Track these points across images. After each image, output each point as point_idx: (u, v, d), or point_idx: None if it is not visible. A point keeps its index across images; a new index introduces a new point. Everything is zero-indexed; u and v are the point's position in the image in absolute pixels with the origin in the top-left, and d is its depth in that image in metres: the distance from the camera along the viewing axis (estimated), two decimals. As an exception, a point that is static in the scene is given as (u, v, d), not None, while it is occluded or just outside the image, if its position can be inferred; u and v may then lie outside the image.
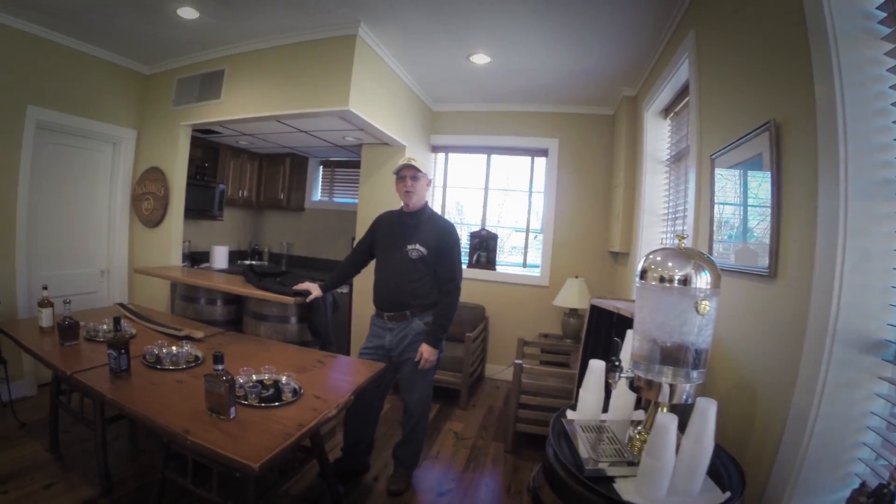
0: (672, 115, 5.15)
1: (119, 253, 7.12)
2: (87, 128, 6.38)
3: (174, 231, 6.73)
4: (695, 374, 2.20)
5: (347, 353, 7.23)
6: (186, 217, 6.94)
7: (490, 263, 7.99)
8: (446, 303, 4.04)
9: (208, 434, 2.62)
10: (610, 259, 7.27)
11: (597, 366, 2.70)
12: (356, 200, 8.75)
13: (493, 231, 8.07)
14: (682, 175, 4.77)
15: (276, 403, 3.05)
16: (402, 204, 4.24)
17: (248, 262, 9.17)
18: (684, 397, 2.21)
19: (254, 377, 3.30)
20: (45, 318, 4.45)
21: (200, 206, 7.78)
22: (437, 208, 8.02)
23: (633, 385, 2.37)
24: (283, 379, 3.28)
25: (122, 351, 3.39)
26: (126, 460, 4.58)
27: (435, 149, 8.21)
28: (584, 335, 4.25)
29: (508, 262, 8.32)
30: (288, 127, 6.73)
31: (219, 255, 6.80)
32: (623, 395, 2.69)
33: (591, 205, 7.44)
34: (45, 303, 4.45)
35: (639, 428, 2.42)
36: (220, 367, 2.78)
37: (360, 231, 7.02)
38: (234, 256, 9.39)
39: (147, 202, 6.84)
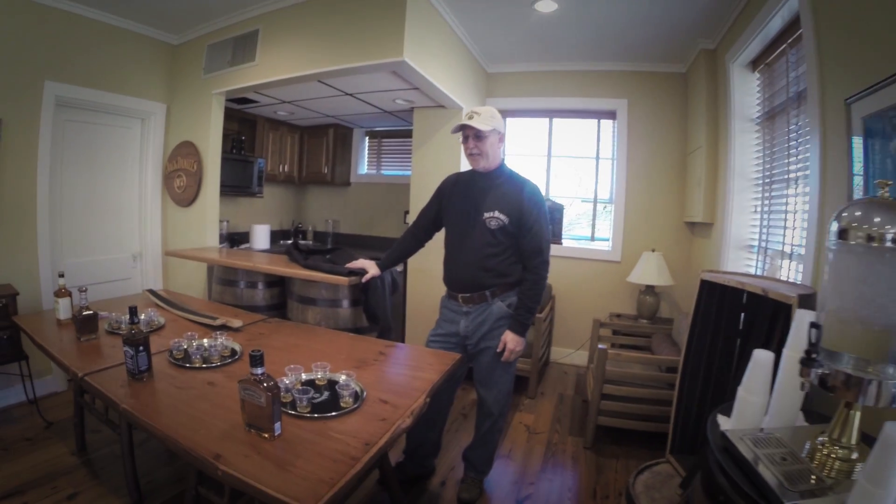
0: (762, 66, 4.70)
1: (152, 236, 6.75)
2: (112, 102, 5.98)
3: (209, 209, 6.29)
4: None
5: (402, 340, 6.80)
6: (223, 195, 6.56)
7: (555, 237, 7.32)
8: (533, 281, 3.44)
9: (246, 461, 2.05)
10: (686, 231, 6.63)
11: (764, 359, 2.11)
12: (406, 173, 8.38)
13: (558, 202, 7.40)
14: (777, 133, 4.31)
15: (334, 413, 2.45)
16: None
17: (290, 241, 8.67)
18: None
19: (303, 376, 2.79)
20: (63, 309, 4.00)
21: (238, 183, 7.37)
22: None
23: (827, 383, 1.74)
24: (341, 378, 2.73)
25: (141, 348, 2.81)
26: (159, 464, 4.24)
27: None
28: (693, 317, 3.62)
29: (575, 235, 7.66)
30: (332, 89, 6.22)
31: (259, 234, 6.31)
32: (785, 397, 2.08)
33: (665, 171, 6.78)
34: (61, 292, 3.99)
35: (821, 439, 1.85)
36: (259, 370, 2.20)
37: (415, 205, 6.76)
38: (276, 236, 9.02)
39: (179, 179, 6.42)
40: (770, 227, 4.43)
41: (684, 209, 6.63)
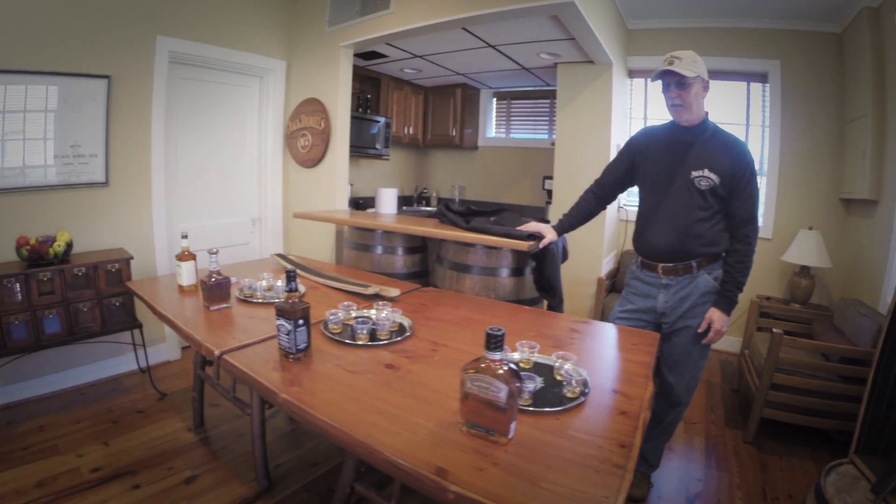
0: None
1: (272, 199, 6.54)
2: (228, 59, 5.75)
3: (338, 170, 5.98)
4: None
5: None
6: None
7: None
8: (744, 252, 3.01)
9: (481, 476, 1.52)
10: (840, 208, 6.03)
11: None
12: (538, 136, 8.09)
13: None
14: None
15: (559, 407, 1.92)
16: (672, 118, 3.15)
17: (435, 204, 8.41)
18: None
19: (516, 356, 2.30)
20: (186, 274, 3.63)
21: (362, 143, 7.09)
22: None
23: None
24: (566, 365, 2.14)
25: (301, 322, 2.32)
26: (286, 446, 3.96)
27: (633, 73, 6.99)
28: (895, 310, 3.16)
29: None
30: (474, 40, 5.77)
31: (386, 198, 5.89)
32: None
33: (820, 142, 6.14)
34: (185, 256, 3.61)
35: None
36: (496, 356, 1.65)
37: (560, 168, 6.46)
38: (398, 202, 8.53)
39: (303, 138, 6.16)
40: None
41: (841, 184, 5.96)
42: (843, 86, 5.95)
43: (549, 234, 3.67)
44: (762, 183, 6.31)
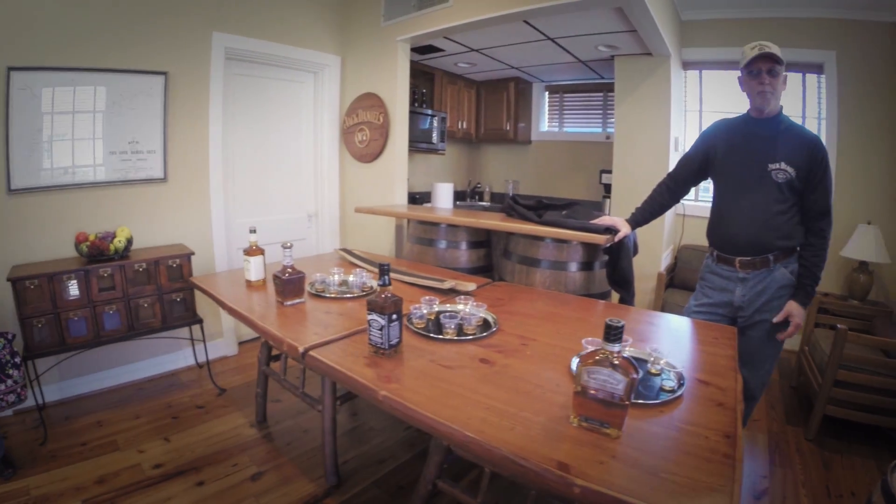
0: None
1: (328, 194, 6.53)
2: (283, 54, 5.75)
3: (398, 164, 5.92)
4: None
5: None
6: (400, 150, 6.09)
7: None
8: (820, 245, 3.04)
9: (602, 469, 1.51)
10: None
11: None
12: (592, 129, 8.05)
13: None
14: None
15: (657, 400, 1.94)
16: (749, 109, 3.16)
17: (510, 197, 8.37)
18: None
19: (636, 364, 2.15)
20: (255, 269, 3.60)
21: (418, 138, 7.06)
22: (693, 134, 6.55)
23: None
24: (661, 360, 2.16)
25: (394, 316, 2.28)
26: (350, 443, 3.92)
27: (686, 65, 6.80)
28: None
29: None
30: (534, 32, 5.69)
31: (442, 193, 5.87)
32: None
33: (877, 134, 5.95)
34: (253, 250, 3.57)
35: None
36: (616, 347, 1.62)
37: (619, 162, 6.45)
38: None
39: (361, 133, 6.12)
40: None
41: None
42: (900, 75, 5.78)
43: (624, 228, 3.62)
44: None
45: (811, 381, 4.35)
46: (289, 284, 3.14)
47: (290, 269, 3.15)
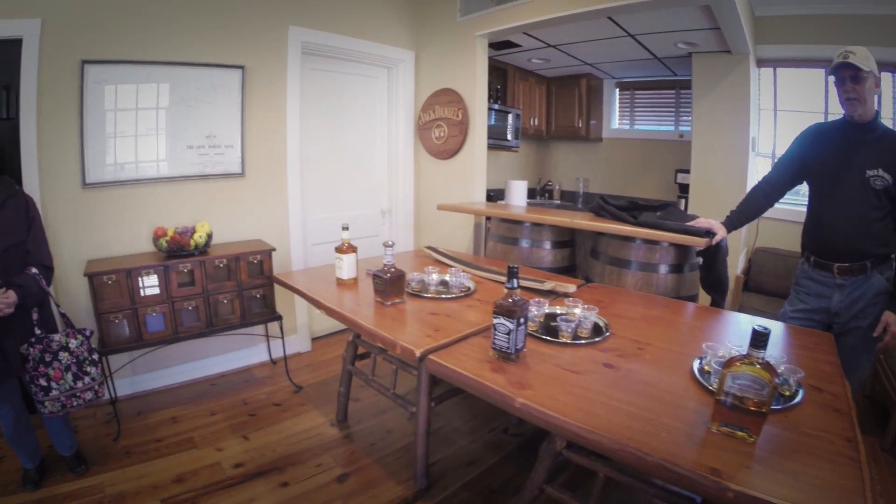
0: None
1: (403, 190, 6.48)
2: (358, 49, 5.72)
3: (477, 161, 5.84)
4: None
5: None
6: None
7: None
8: None
9: (749, 473, 1.56)
10: None
11: None
12: (665, 128, 7.93)
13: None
14: None
15: (780, 406, 1.96)
16: (845, 114, 3.15)
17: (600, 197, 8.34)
18: None
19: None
20: (347, 267, 3.56)
21: (494, 135, 6.91)
22: (767, 133, 6.68)
23: None
24: (773, 362, 2.03)
25: (522, 321, 2.22)
26: (436, 444, 3.80)
27: (760, 62, 6.51)
28: None
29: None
30: (615, 29, 5.62)
31: (517, 190, 5.82)
32: None
33: None
34: (346, 248, 3.53)
35: None
36: (760, 353, 1.68)
37: (698, 162, 6.28)
38: (523, 193, 8.50)
39: (438, 129, 6.05)
40: None
41: None
42: None
43: (721, 231, 3.55)
44: None
45: (888, 390, 4.28)
46: (391, 284, 3.08)
47: (392, 269, 3.09)
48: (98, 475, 3.34)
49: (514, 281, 2.21)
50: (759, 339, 1.66)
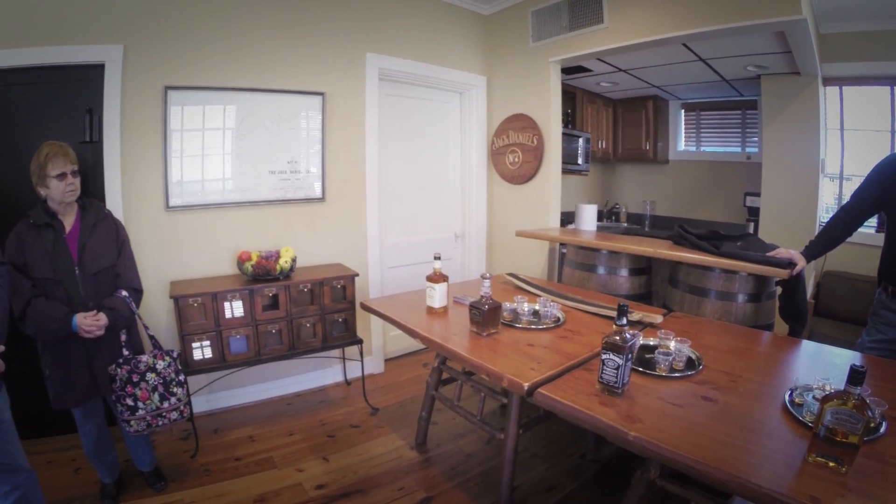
0: None
1: (476, 214, 6.56)
2: (431, 74, 5.86)
3: (552, 187, 5.87)
4: None
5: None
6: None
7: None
8: None
9: (845, 501, 1.66)
10: None
11: None
12: (731, 149, 7.91)
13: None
14: None
15: (865, 437, 1.93)
16: None
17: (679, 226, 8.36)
18: None
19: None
20: (439, 296, 3.58)
21: (566, 159, 6.92)
22: (834, 153, 6.52)
23: None
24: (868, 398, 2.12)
25: (630, 356, 2.32)
26: (518, 469, 3.73)
27: (826, 81, 6.31)
28: None
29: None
30: (687, 54, 5.67)
31: (587, 214, 5.82)
32: None
33: None
34: (437, 277, 3.56)
35: None
36: (857, 390, 1.80)
37: (768, 187, 6.26)
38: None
39: (513, 154, 6.10)
40: None
41: None
42: None
43: (801, 262, 3.58)
44: None
45: None
46: (489, 315, 3.12)
47: (488, 299, 3.13)
48: (177, 492, 3.43)
49: (624, 318, 2.28)
50: (857, 377, 1.75)
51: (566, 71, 6.56)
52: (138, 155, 4.14)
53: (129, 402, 3.07)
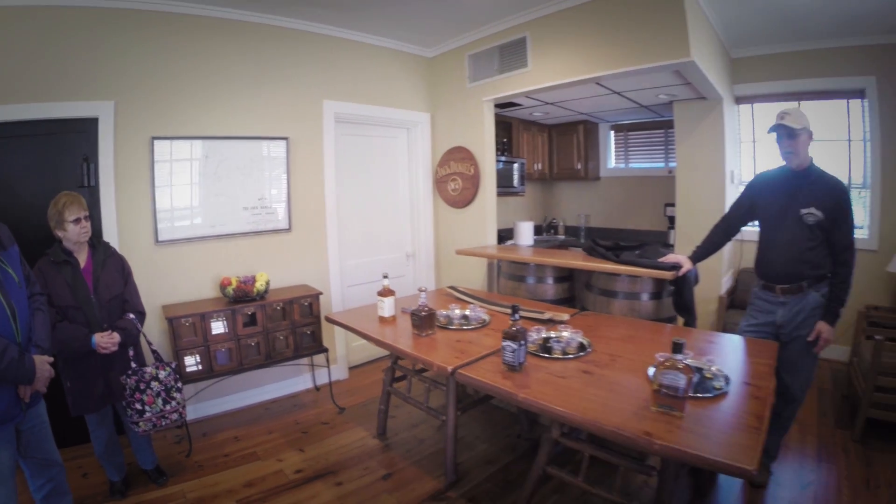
0: None
1: (424, 236, 7.22)
2: (381, 115, 6.52)
3: (488, 210, 6.58)
4: None
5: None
6: (486, 195, 6.71)
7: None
8: (845, 273, 3.59)
9: (672, 436, 2.28)
10: None
11: None
12: (655, 165, 8.65)
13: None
14: None
15: (711, 394, 2.67)
16: (786, 164, 3.75)
17: (592, 239, 8.77)
18: None
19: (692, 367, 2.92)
20: (388, 307, 4.32)
21: (502, 183, 7.62)
22: (747, 166, 7.26)
23: None
24: (712, 367, 2.92)
25: (522, 343, 3.04)
26: (461, 449, 4.46)
27: (739, 100, 7.25)
28: None
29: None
30: (603, 90, 6.35)
31: (524, 231, 6.47)
32: None
33: None
34: (386, 292, 4.31)
35: None
36: (680, 356, 2.42)
37: (682, 197, 6.92)
38: (529, 232, 9.15)
39: (454, 182, 6.78)
40: None
41: None
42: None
43: (687, 264, 4.17)
44: (866, 196, 6.63)
45: (857, 388, 4.72)
46: (425, 320, 3.91)
47: (425, 308, 3.92)
48: (177, 485, 3.94)
49: (517, 315, 3.11)
50: (677, 347, 2.40)
51: (502, 105, 7.26)
52: (130, 197, 4.68)
53: (138, 406, 3.60)
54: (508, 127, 8.27)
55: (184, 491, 3.87)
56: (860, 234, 6.60)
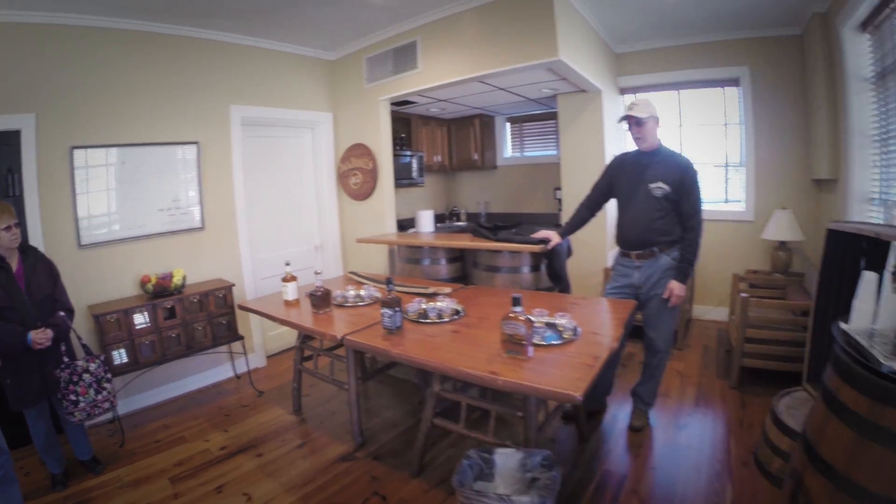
0: (871, 28, 4.58)
1: (330, 228, 7.58)
2: (285, 117, 6.84)
3: (387, 201, 6.99)
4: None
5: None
6: (387, 187, 7.09)
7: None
8: (692, 238, 3.99)
9: (515, 374, 2.72)
10: (813, 188, 6.62)
11: (869, 277, 2.64)
12: (548, 153, 9.14)
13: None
14: (892, 91, 4.41)
15: (559, 342, 3.15)
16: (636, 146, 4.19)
17: (464, 221, 9.42)
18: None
19: (544, 319, 3.42)
20: (291, 291, 4.74)
21: (402, 175, 8.06)
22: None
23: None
24: (562, 321, 3.34)
25: (397, 309, 3.53)
26: (368, 416, 4.91)
27: (623, 91, 7.87)
28: (822, 262, 3.90)
29: (709, 199, 7.48)
30: (488, 86, 6.71)
31: (424, 219, 6.81)
32: (888, 303, 2.54)
33: (790, 132, 6.78)
34: (289, 278, 4.73)
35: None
36: (518, 308, 2.89)
37: (567, 182, 7.39)
38: (434, 220, 9.46)
39: (355, 177, 7.15)
40: (890, 181, 4.56)
41: (811, 167, 6.47)
42: (805, 80, 6.63)
43: (555, 238, 4.60)
44: (741, 173, 7.30)
45: (733, 341, 5.22)
46: (321, 298, 4.39)
47: (321, 289, 4.41)
48: (114, 471, 4.14)
49: (391, 285, 3.66)
50: (515, 301, 2.89)
51: (400, 103, 7.67)
52: (53, 205, 4.83)
53: (73, 397, 3.74)
54: (408, 123, 8.64)
55: (120, 476, 4.09)
56: (737, 207, 7.33)
